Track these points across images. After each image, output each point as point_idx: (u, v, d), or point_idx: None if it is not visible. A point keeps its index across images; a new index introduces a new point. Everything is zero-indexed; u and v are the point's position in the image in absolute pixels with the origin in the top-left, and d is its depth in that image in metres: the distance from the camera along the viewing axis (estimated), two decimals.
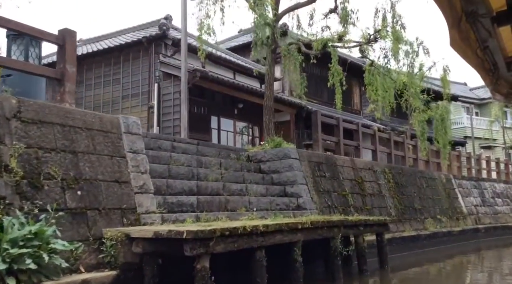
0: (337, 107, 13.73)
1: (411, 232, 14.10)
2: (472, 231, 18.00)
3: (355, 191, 12.68)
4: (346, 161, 12.82)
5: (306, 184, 10.74)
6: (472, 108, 39.11)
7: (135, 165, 6.53)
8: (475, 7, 2.29)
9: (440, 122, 13.63)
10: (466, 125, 36.03)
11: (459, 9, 2.29)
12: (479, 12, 2.33)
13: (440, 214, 16.74)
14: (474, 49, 2.70)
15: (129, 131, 6.64)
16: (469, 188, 19.97)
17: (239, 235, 5.72)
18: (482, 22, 2.43)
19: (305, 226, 7.06)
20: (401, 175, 15.52)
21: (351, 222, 8.51)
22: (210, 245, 5.25)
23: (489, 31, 2.53)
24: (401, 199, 14.89)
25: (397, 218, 14.06)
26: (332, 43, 12.45)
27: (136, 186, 6.40)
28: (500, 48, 2.82)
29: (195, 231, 5.04)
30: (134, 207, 6.27)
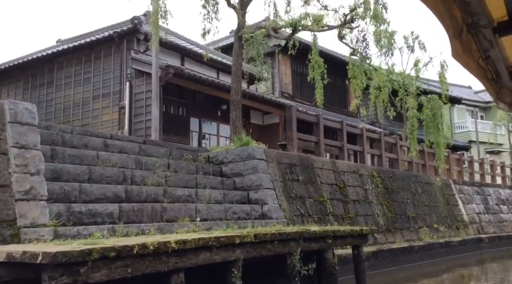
0: (317, 103, 12.25)
1: (402, 244, 12.50)
2: (474, 241, 16.32)
3: (336, 197, 11.13)
4: (325, 163, 11.29)
5: (273, 189, 9.24)
6: (477, 112, 37.35)
7: (22, 164, 5.08)
8: (476, 18, 2.26)
9: (432, 118, 12.06)
10: (470, 129, 34.27)
11: (460, 20, 2.27)
12: (480, 23, 2.30)
13: (437, 223, 15.11)
14: (476, 59, 2.66)
15: (17, 120, 5.20)
16: (471, 194, 18.30)
17: (135, 256, 4.24)
18: (483, 32, 2.40)
19: (245, 241, 5.55)
20: (392, 180, 13.94)
21: (314, 234, 6.97)
22: (82, 272, 3.78)
23: (491, 42, 2.51)
24: (392, 206, 13.31)
25: (386, 227, 12.48)
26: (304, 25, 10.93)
27: (18, 191, 4.94)
28: (503, 58, 2.80)
29: (54, 254, 3.57)
30: (12, 219, 4.82)
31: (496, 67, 2.83)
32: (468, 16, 2.23)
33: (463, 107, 36.06)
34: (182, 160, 8.82)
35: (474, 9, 2.19)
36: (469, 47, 2.47)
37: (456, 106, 35.48)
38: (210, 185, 8.54)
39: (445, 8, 2.18)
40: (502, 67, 2.86)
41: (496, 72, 2.91)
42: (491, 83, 3.02)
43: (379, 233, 12.08)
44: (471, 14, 2.22)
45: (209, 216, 7.57)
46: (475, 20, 2.26)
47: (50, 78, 17.45)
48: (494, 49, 2.58)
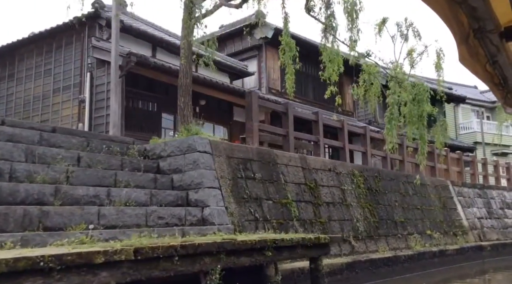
0: (288, 91, 10.56)
1: (386, 253, 10.72)
2: (475, 249, 14.45)
3: (304, 199, 9.41)
4: (293, 159, 9.58)
5: (218, 188, 7.55)
6: (483, 112, 35.26)
7: None
8: (483, 23, 2.22)
9: (416, 105, 10.25)
10: (476, 130, 32.24)
11: (467, 25, 2.25)
12: (487, 28, 2.25)
13: (431, 229, 13.28)
14: (483, 64, 2.61)
15: None
16: (471, 197, 16.42)
17: None
18: (490, 37, 2.34)
19: (116, 259, 3.87)
20: (377, 179, 12.17)
21: (244, 244, 5.27)
22: None
23: (498, 47, 2.46)
24: (376, 209, 11.53)
25: (367, 234, 10.71)
26: None
27: None
28: (510, 63, 2.71)
29: None
30: None
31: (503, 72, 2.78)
32: (475, 22, 2.21)
33: (468, 107, 34.04)
34: (102, 152, 7.17)
35: (480, 15, 2.17)
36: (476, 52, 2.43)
37: (461, 106, 33.49)
38: (135, 184, 6.89)
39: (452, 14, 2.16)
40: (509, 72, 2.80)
41: (504, 77, 2.85)
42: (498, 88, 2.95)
43: (358, 241, 10.33)
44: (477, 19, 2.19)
45: (119, 222, 5.91)
46: (482, 25, 2.23)
47: (10, 71, 15.97)
48: (501, 54, 2.54)
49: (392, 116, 10.02)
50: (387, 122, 10.09)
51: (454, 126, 33.30)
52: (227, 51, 21.13)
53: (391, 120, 9.98)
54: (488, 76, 2.77)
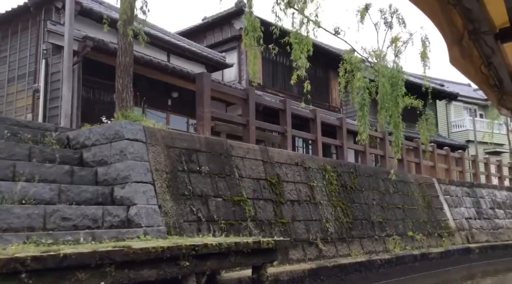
0: (251, 77, 9.31)
1: (360, 257, 9.47)
2: (461, 252, 13.21)
3: (263, 197, 8.15)
4: (251, 151, 8.31)
5: (151, 182, 6.29)
6: (476, 110, 34.01)
7: None
8: (478, 24, 2.19)
9: (389, 89, 8.96)
10: (468, 128, 31.00)
11: (461, 27, 2.19)
12: (481, 29, 2.22)
13: (413, 230, 12.03)
14: (478, 66, 2.54)
15: None
16: (459, 195, 15.18)
17: None
18: (485, 39, 2.31)
19: None
20: (353, 176, 10.91)
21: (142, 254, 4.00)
22: None
23: (492, 48, 2.41)
24: (350, 208, 10.28)
25: (338, 235, 9.46)
26: None
27: None
28: (505, 64, 2.66)
29: None
30: None
31: (498, 73, 2.72)
32: (469, 23, 2.19)
33: (460, 104, 32.81)
34: (4, 139, 5.90)
35: (475, 16, 2.15)
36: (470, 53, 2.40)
37: (453, 104, 32.25)
38: (41, 177, 5.62)
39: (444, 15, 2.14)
40: (504, 73, 2.75)
41: (499, 78, 2.78)
42: (493, 89, 2.89)
43: (327, 244, 9.07)
44: (472, 20, 2.17)
45: (3, 224, 4.65)
46: (477, 26, 2.21)
47: None
48: (496, 56, 2.50)
49: (363, 102, 8.76)
50: (359, 108, 8.83)
51: (446, 124, 32.09)
52: (206, 42, 19.85)
53: (362, 106, 8.72)
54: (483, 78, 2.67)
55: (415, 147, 14.55)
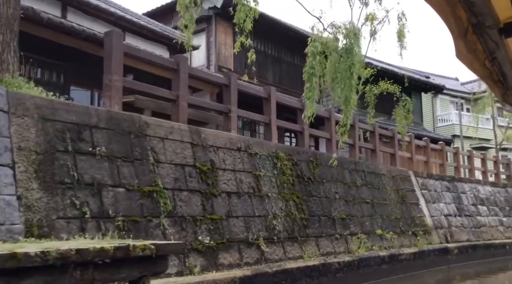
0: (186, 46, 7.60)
1: (313, 260, 7.83)
2: (438, 253, 11.60)
3: (188, 187, 6.47)
4: (175, 130, 6.62)
5: (10, 165, 4.60)
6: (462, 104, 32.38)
7: None
8: (482, 18, 2.14)
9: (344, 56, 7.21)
10: (454, 122, 29.41)
11: (465, 20, 2.15)
12: (486, 23, 2.17)
13: (382, 228, 10.41)
14: (482, 61, 2.47)
15: None
16: (438, 190, 13.56)
17: None
18: (489, 33, 2.26)
19: None
20: (313, 165, 9.25)
21: None
22: None
23: (497, 43, 2.36)
24: (306, 203, 8.62)
25: (288, 234, 7.81)
26: None
27: None
28: (509, 59, 2.59)
29: None
30: None
31: (502, 68, 2.63)
32: (473, 17, 2.14)
33: (447, 98, 31.18)
34: None
35: (479, 10, 2.09)
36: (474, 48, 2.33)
37: (439, 97, 30.64)
38: None
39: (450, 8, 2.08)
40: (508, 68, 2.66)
41: (503, 73, 2.70)
42: (497, 84, 2.81)
43: (273, 244, 7.41)
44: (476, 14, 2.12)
45: None
46: (481, 20, 2.15)
47: None
48: (500, 51, 2.43)
49: (312, 71, 7.04)
50: (307, 78, 7.12)
51: (431, 118, 30.51)
52: (174, 23, 18.10)
53: (311, 76, 7.02)
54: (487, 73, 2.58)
55: (390, 137, 12.91)
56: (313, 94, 6.84)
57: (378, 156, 12.16)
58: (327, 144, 11.65)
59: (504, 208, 16.19)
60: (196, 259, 6.08)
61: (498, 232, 15.03)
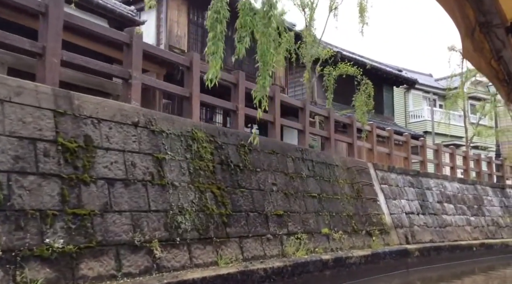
0: None
1: (228, 268, 5.97)
2: (396, 255, 9.87)
3: (39, 170, 4.56)
4: (28, 91, 4.69)
5: None
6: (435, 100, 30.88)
7: None
8: (489, 17, 2.10)
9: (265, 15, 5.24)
10: (427, 119, 27.91)
11: (473, 19, 2.11)
12: (493, 22, 2.13)
13: (330, 226, 8.63)
14: (488, 60, 2.40)
15: None
16: (400, 185, 11.86)
17: None
18: (496, 32, 2.21)
19: None
20: (243, 151, 7.41)
21: None
22: None
23: (503, 42, 2.29)
24: (230, 195, 6.77)
25: (200, 234, 5.94)
26: None
27: None
28: None
29: None
30: None
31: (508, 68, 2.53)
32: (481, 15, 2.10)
33: (419, 93, 29.65)
34: None
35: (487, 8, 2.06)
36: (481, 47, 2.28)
37: (412, 92, 29.12)
38: None
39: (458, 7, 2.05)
40: None
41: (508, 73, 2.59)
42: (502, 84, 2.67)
43: (172, 248, 5.54)
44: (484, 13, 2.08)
45: None
46: (488, 19, 2.12)
47: None
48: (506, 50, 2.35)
49: (216, 17, 5.06)
50: (210, 27, 5.14)
51: (403, 114, 29.00)
52: None
53: (214, 23, 5.04)
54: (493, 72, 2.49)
55: (348, 124, 11.13)
56: (218, 48, 4.96)
57: (333, 145, 10.37)
58: (300, 137, 9.86)
59: (472, 206, 14.60)
60: (38, 270, 4.18)
61: (465, 232, 13.41)
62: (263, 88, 4.90)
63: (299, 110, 9.62)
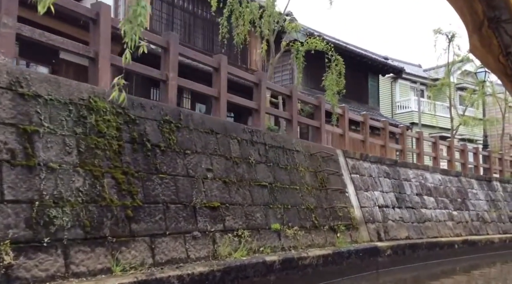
0: None
1: (125, 276, 4.39)
2: (364, 254, 8.30)
3: None
4: None
5: None
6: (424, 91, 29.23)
7: None
8: (499, 12, 2.05)
9: None
10: (414, 109, 26.34)
11: (481, 14, 2.06)
12: (502, 17, 2.06)
13: (284, 221, 7.06)
14: (496, 55, 2.30)
15: None
16: (374, 175, 10.28)
17: None
18: (505, 27, 2.13)
19: None
20: (168, 128, 5.79)
21: None
22: None
23: None
24: (143, 182, 5.16)
25: (84, 234, 4.34)
26: None
27: None
28: None
29: None
30: None
31: None
32: (490, 10, 2.05)
33: (407, 83, 28.00)
34: None
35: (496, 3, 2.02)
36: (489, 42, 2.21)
37: (399, 82, 27.46)
38: None
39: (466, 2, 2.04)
40: None
41: None
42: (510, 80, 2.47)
43: (35, 253, 3.94)
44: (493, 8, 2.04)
45: None
46: (497, 14, 2.05)
47: None
48: None
49: None
50: None
51: (390, 104, 27.41)
52: None
53: None
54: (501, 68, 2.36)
55: (315, 105, 9.51)
56: None
57: (295, 128, 8.76)
58: (254, 117, 8.24)
59: (455, 200, 13.05)
60: None
61: (446, 228, 11.86)
62: (135, 19, 3.26)
63: (253, 86, 8.00)
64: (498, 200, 15.09)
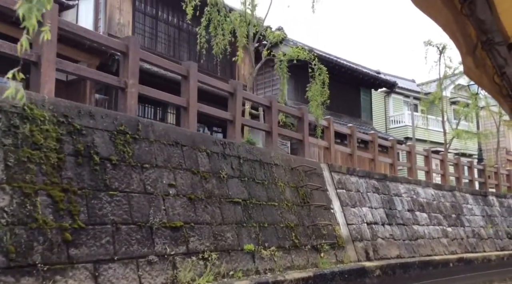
0: None
1: None
2: (350, 276, 7.52)
3: None
4: None
5: None
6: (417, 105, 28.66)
7: None
8: (491, 35, 2.05)
9: None
10: (407, 124, 25.73)
11: (474, 37, 2.06)
12: (495, 40, 2.08)
13: (259, 241, 6.32)
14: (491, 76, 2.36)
15: None
16: (362, 191, 9.57)
17: None
18: (498, 49, 2.15)
19: None
20: (123, 139, 5.12)
21: None
22: None
23: (506, 59, 2.22)
24: (89, 201, 4.46)
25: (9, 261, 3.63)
26: None
27: None
28: None
29: None
30: None
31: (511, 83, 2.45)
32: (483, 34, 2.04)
33: (400, 98, 27.48)
34: None
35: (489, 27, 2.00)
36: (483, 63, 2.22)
37: (393, 97, 26.95)
38: None
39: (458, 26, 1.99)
40: None
41: None
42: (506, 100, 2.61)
43: None
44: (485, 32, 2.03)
45: None
46: (490, 37, 2.06)
47: None
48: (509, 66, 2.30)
49: None
50: None
51: (384, 119, 26.83)
52: None
53: None
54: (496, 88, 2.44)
55: (298, 117, 8.85)
56: None
57: (275, 140, 8.09)
58: (230, 128, 7.58)
59: (449, 215, 12.30)
60: None
61: (440, 245, 11.08)
62: None
63: (228, 97, 7.36)
64: (495, 215, 14.32)
